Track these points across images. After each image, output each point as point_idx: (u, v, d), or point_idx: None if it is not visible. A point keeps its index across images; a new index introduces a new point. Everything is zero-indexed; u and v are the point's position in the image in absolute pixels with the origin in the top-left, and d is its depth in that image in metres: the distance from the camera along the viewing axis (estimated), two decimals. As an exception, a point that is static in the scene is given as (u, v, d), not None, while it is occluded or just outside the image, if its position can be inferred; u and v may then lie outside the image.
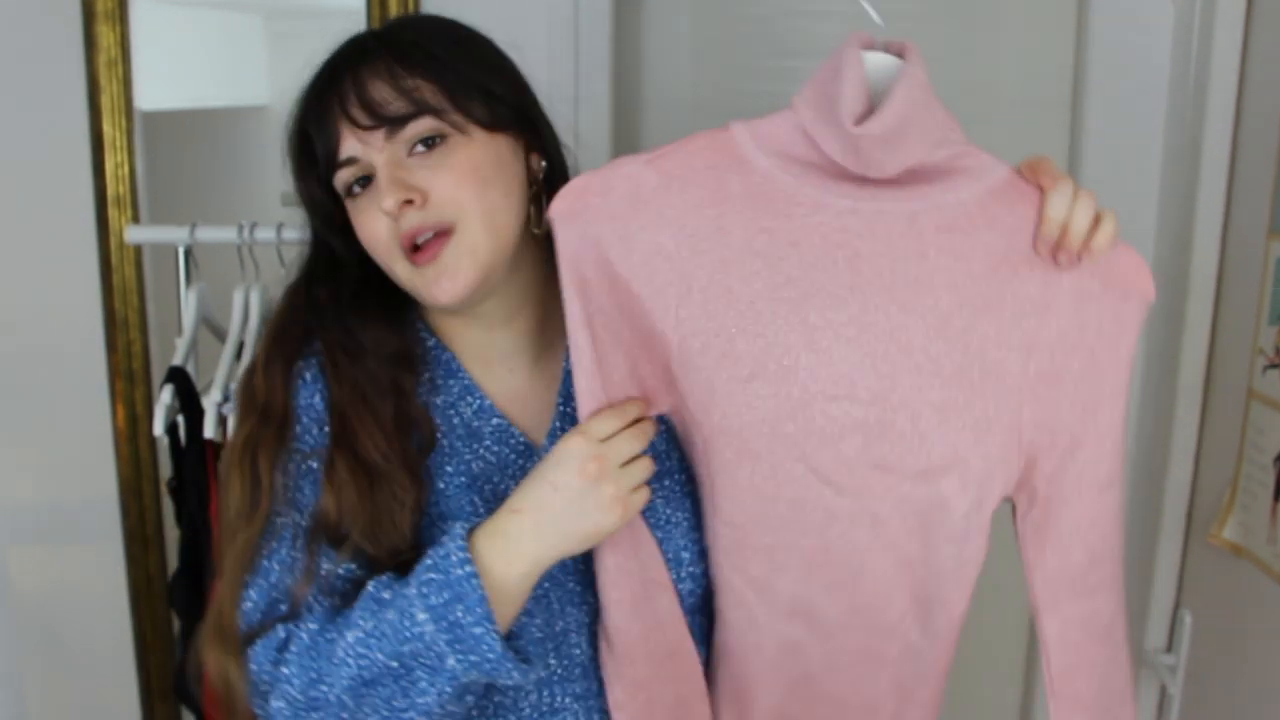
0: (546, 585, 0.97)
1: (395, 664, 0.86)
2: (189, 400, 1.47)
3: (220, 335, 1.54)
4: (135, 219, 1.69)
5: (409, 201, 0.92)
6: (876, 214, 0.84)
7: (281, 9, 1.80)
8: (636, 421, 0.92)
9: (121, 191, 1.68)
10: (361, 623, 0.88)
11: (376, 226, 0.95)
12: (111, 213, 1.68)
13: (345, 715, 0.88)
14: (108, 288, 1.70)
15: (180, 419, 1.48)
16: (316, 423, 0.97)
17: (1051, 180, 0.85)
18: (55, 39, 1.64)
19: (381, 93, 0.93)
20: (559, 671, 0.99)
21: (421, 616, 0.85)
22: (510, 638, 0.89)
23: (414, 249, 0.94)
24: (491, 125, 0.96)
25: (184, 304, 1.53)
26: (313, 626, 0.90)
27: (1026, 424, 0.87)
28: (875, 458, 0.87)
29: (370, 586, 0.90)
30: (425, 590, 0.86)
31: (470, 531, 0.89)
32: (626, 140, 1.77)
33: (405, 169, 0.94)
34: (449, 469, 1.00)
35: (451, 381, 1.02)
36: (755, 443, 0.88)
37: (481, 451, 1.01)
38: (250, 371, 1.02)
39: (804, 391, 0.86)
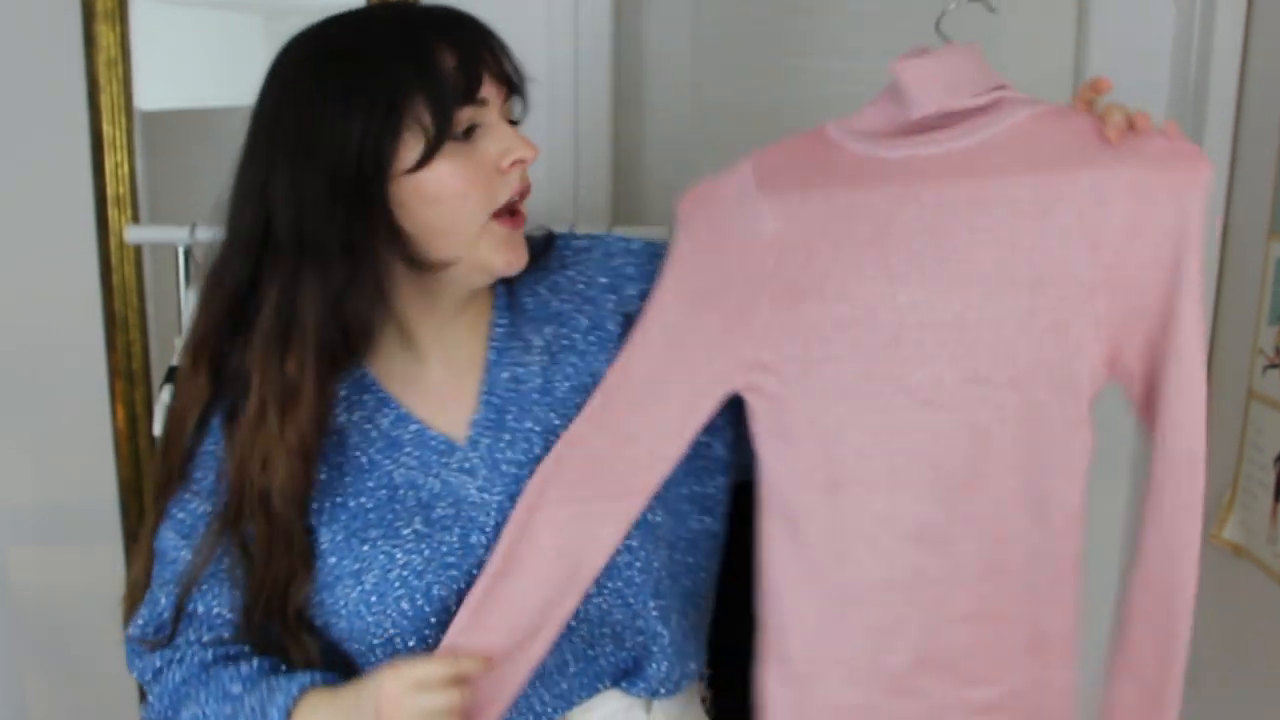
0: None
1: None
2: None
3: None
4: (135, 219, 1.68)
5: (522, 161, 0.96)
6: (934, 154, 0.93)
7: (281, 9, 1.79)
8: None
9: (121, 191, 1.67)
10: (205, 704, 0.97)
11: (483, 176, 0.94)
12: (111, 212, 1.67)
13: None
14: (107, 288, 1.69)
15: None
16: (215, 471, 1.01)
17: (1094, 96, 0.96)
18: (55, 38, 1.63)
19: (509, 58, 0.97)
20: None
21: None
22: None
23: (506, 211, 0.95)
24: None
25: (184, 304, 1.50)
26: (177, 677, 1.00)
27: (1103, 314, 0.91)
28: (966, 372, 0.93)
29: (231, 671, 0.98)
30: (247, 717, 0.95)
31: (305, 692, 0.95)
32: (627, 140, 1.75)
33: None
34: (370, 484, 1.00)
35: (366, 396, 1.02)
36: (853, 378, 0.95)
37: (402, 459, 1.01)
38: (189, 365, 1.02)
39: (891, 323, 0.94)
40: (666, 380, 0.99)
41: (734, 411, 1.04)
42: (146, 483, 1.73)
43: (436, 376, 1.04)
